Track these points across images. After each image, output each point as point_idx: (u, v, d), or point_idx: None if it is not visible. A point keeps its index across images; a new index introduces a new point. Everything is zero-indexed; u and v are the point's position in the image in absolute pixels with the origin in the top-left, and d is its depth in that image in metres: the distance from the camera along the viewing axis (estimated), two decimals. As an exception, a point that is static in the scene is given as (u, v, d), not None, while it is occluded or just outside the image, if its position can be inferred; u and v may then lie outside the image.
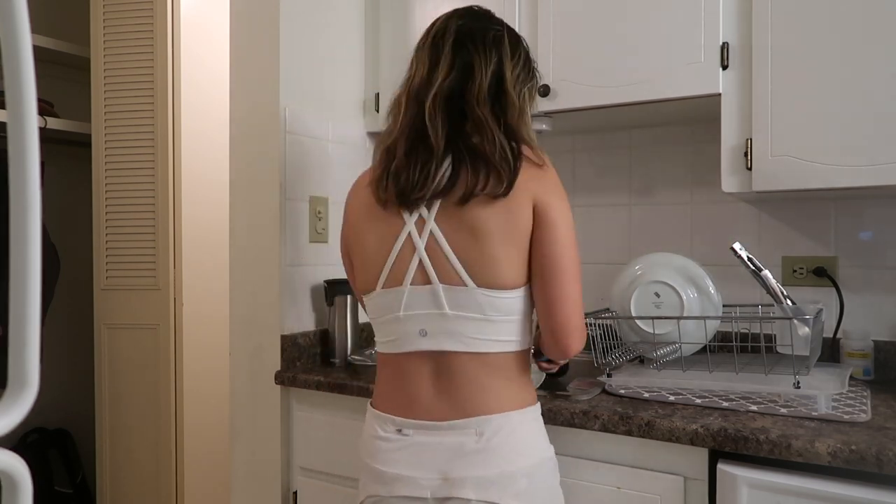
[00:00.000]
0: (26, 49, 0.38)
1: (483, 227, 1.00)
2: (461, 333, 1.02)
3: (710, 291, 1.48)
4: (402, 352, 1.07)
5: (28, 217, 0.38)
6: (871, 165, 1.29)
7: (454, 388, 1.03)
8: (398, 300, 1.05)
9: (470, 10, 1.14)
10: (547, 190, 1.03)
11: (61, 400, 2.70)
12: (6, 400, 0.39)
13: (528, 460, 1.03)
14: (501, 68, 1.07)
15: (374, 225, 1.09)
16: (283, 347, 1.67)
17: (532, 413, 1.08)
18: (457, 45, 1.07)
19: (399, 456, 1.04)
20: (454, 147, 1.03)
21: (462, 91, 1.05)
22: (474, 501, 0.99)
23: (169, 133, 2.30)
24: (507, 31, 1.11)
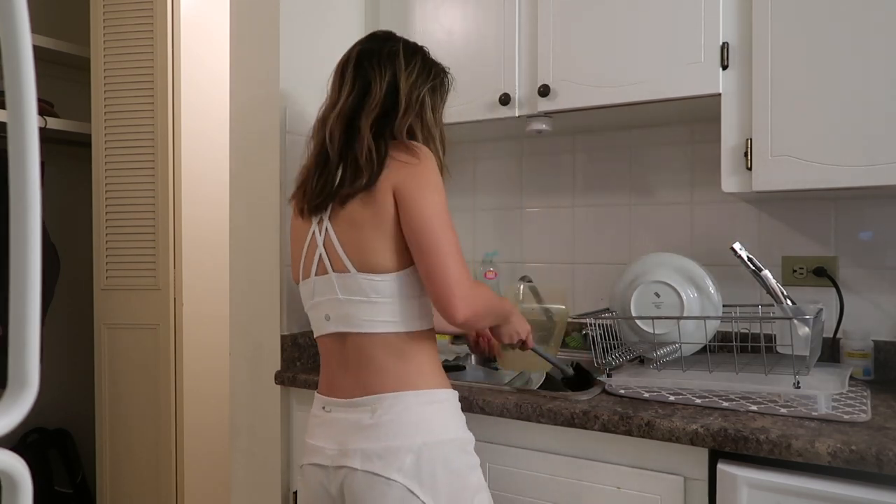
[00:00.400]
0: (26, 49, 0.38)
1: (357, 219, 1.13)
2: (352, 316, 1.14)
3: (710, 291, 1.48)
4: (319, 335, 1.22)
5: (28, 217, 0.38)
6: (871, 165, 1.29)
7: (356, 368, 1.15)
8: (310, 290, 1.21)
9: (372, 35, 1.30)
10: (408, 179, 1.12)
11: (61, 400, 2.70)
12: (6, 400, 0.39)
13: (416, 438, 1.08)
14: (395, 79, 1.20)
15: (297, 231, 1.26)
16: (283, 347, 1.67)
17: (431, 396, 1.13)
18: (357, 67, 1.22)
19: (319, 430, 1.18)
20: (344, 158, 1.16)
21: (361, 106, 1.18)
22: (360, 471, 1.08)
23: (169, 133, 2.30)
24: (402, 45, 1.25)
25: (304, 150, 1.29)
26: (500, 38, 1.69)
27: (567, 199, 1.97)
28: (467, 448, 1.16)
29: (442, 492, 1.08)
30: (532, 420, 1.29)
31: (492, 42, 1.70)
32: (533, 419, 1.28)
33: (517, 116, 1.67)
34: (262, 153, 1.70)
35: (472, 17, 1.74)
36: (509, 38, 1.68)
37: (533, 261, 2.02)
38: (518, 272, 2.00)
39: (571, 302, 1.94)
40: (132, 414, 2.35)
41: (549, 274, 1.98)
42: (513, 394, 1.37)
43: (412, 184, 1.11)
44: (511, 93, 1.66)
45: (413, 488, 1.06)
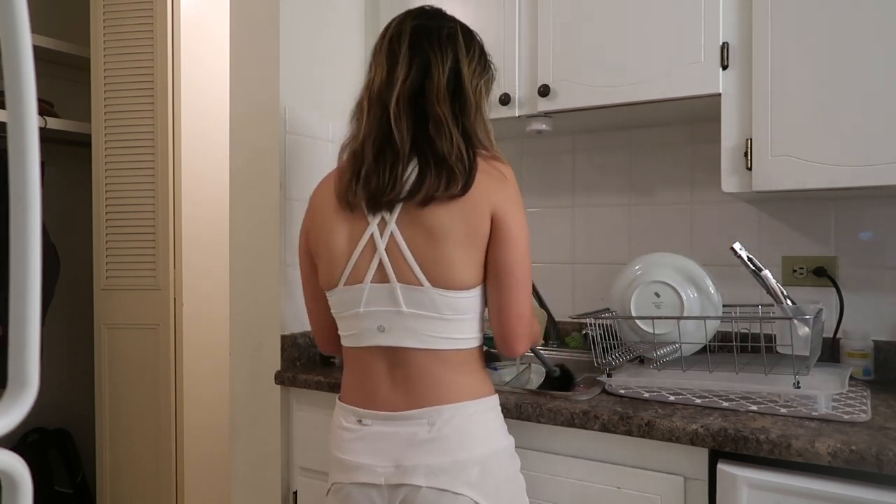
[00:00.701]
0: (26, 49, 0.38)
1: (441, 229, 1.03)
2: (417, 331, 1.06)
3: (710, 291, 1.48)
4: (362, 346, 1.11)
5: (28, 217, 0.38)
6: (871, 165, 1.29)
7: (409, 381, 1.07)
8: (359, 297, 1.09)
9: (422, 9, 1.17)
10: (506, 199, 1.06)
11: (61, 400, 2.70)
12: (6, 400, 0.39)
13: (481, 449, 1.05)
14: (458, 64, 1.09)
15: (341, 226, 1.11)
16: (283, 347, 1.67)
17: (486, 404, 1.10)
18: (413, 45, 1.09)
19: (358, 445, 1.09)
20: (419, 150, 1.06)
21: (422, 90, 1.08)
22: (425, 488, 1.02)
23: (169, 133, 2.30)
24: (460, 27, 1.14)
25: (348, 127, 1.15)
26: (500, 38, 1.69)
27: (567, 199, 1.97)
28: (514, 452, 1.14)
29: (503, 499, 1.07)
30: (532, 420, 1.29)
31: (492, 42, 1.69)
32: (533, 419, 1.28)
33: (517, 116, 1.67)
34: (263, 153, 1.70)
35: (472, 17, 1.74)
36: (509, 38, 1.68)
37: (533, 261, 2.00)
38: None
39: (571, 302, 1.94)
40: (132, 414, 2.35)
41: (549, 274, 1.98)
42: (513, 394, 1.37)
43: (511, 211, 1.05)
44: (511, 93, 1.66)
45: (479, 500, 1.03)
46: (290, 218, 1.70)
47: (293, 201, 1.71)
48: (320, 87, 1.81)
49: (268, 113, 1.69)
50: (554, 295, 1.94)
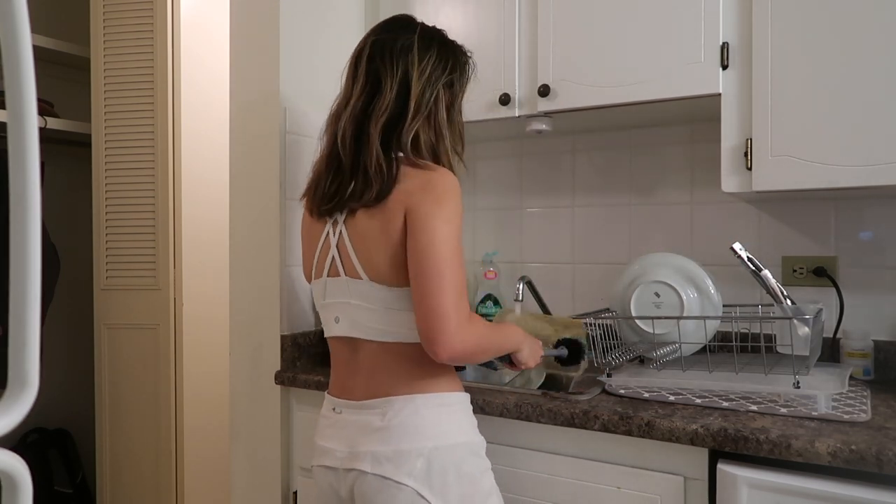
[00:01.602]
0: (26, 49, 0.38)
1: (367, 232, 1.10)
2: (361, 322, 1.12)
3: (710, 291, 1.48)
4: (329, 336, 1.20)
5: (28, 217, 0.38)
6: (871, 165, 1.29)
7: (367, 371, 1.13)
8: (323, 289, 1.18)
9: (390, 20, 1.23)
10: (422, 199, 1.06)
11: (61, 400, 2.70)
12: (6, 400, 0.39)
13: (427, 442, 1.07)
14: (407, 77, 1.13)
15: (309, 228, 1.23)
16: (283, 347, 1.67)
17: (441, 399, 1.11)
18: (369, 62, 1.16)
19: (329, 431, 1.17)
20: (356, 165, 1.12)
21: (370, 109, 1.13)
22: (370, 475, 1.07)
23: (169, 133, 2.30)
24: (418, 36, 1.17)
25: (317, 143, 1.26)
26: (500, 38, 1.69)
27: (567, 199, 1.97)
28: (479, 451, 1.14)
29: (453, 496, 1.06)
30: (532, 420, 1.29)
31: (492, 42, 1.70)
32: (533, 419, 1.28)
33: (517, 116, 1.67)
34: (262, 153, 1.70)
35: (473, 17, 1.74)
36: (509, 38, 1.68)
37: (533, 261, 2.02)
38: (518, 272, 2.00)
39: (571, 302, 1.94)
40: (132, 414, 2.35)
41: (549, 274, 1.98)
42: (513, 394, 1.37)
43: (425, 208, 1.06)
44: (511, 93, 1.66)
45: (423, 492, 1.04)
46: (290, 218, 1.70)
47: (293, 201, 1.71)
48: (320, 87, 1.81)
49: (268, 113, 1.69)
50: (554, 295, 1.94)
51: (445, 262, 1.03)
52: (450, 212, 1.07)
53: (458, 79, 1.21)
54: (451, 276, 1.03)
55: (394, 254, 1.08)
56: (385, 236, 1.08)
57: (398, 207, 1.07)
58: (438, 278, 1.02)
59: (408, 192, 1.08)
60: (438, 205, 1.06)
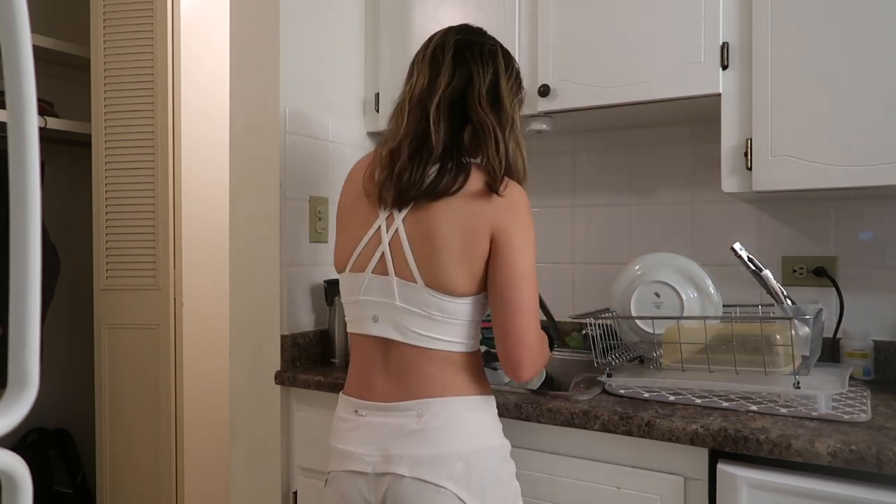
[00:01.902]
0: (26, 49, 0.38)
1: (439, 235, 1.06)
2: (405, 326, 1.09)
3: (710, 291, 1.48)
4: (357, 333, 1.16)
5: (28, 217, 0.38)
6: (871, 165, 1.29)
7: (401, 373, 1.10)
8: (360, 284, 1.13)
9: (466, 26, 1.22)
10: (509, 225, 1.07)
11: (61, 400, 2.70)
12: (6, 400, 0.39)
13: (466, 445, 1.05)
14: (497, 79, 1.14)
15: (358, 214, 1.16)
16: (283, 347, 1.67)
17: (477, 402, 1.11)
18: (456, 57, 1.14)
19: (352, 435, 1.12)
20: (449, 152, 1.09)
21: (463, 97, 1.12)
22: (407, 478, 1.04)
23: (169, 133, 2.30)
24: (500, 46, 1.20)
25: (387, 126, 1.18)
26: (500, 39, 1.68)
27: (567, 199, 1.97)
28: (508, 455, 1.14)
29: (490, 499, 1.06)
30: (532, 420, 1.29)
31: (492, 42, 1.70)
32: (533, 419, 1.28)
33: (517, 116, 1.67)
34: (262, 153, 1.70)
35: (472, 17, 1.74)
36: (509, 39, 1.68)
37: (533, 261, 2.01)
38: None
39: (571, 302, 1.94)
40: (132, 414, 2.35)
41: (549, 274, 1.98)
42: (513, 394, 1.37)
43: (513, 234, 1.06)
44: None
45: (463, 496, 1.03)
46: (290, 218, 1.70)
47: (293, 201, 1.71)
48: (320, 87, 1.81)
49: (268, 113, 1.69)
50: (554, 295, 1.94)
51: (532, 290, 1.08)
52: (532, 233, 1.11)
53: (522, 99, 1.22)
54: (532, 310, 1.08)
55: (474, 267, 1.07)
56: (464, 243, 1.06)
57: (484, 225, 1.06)
58: (527, 309, 1.06)
59: (494, 212, 1.07)
60: (525, 226, 1.09)
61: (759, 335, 1.28)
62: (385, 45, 1.90)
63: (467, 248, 1.06)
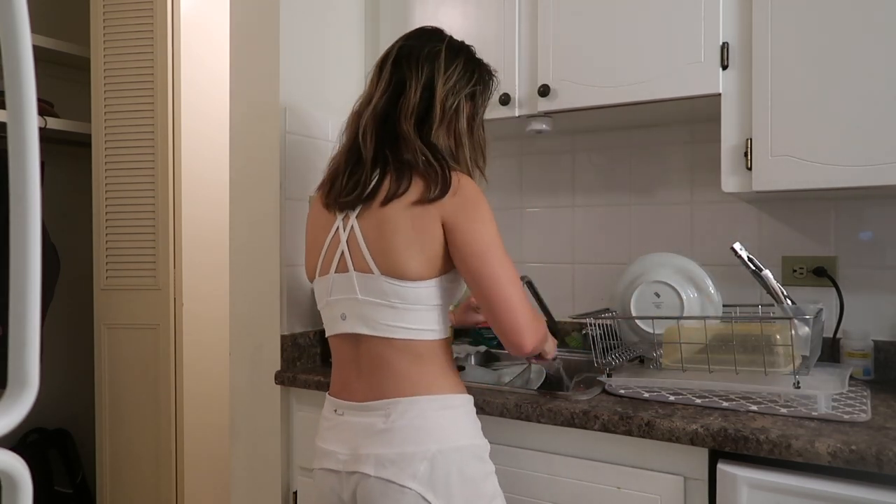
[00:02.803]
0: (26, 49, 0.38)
1: (392, 224, 1.10)
2: (370, 318, 1.12)
3: (710, 291, 1.48)
4: (332, 334, 1.19)
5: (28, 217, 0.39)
6: (871, 165, 1.29)
7: (371, 371, 1.13)
8: (328, 286, 1.17)
9: (418, 30, 1.26)
10: (457, 212, 1.09)
11: (61, 400, 2.70)
12: (6, 400, 0.39)
13: (431, 445, 1.06)
14: (432, 82, 1.16)
15: (317, 223, 1.23)
16: (283, 347, 1.67)
17: (446, 401, 1.11)
18: (395, 65, 1.19)
19: (330, 434, 1.16)
20: (382, 159, 1.14)
21: (394, 107, 1.16)
22: (373, 478, 1.06)
23: (169, 133, 2.30)
24: (446, 45, 1.20)
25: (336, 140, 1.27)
26: (500, 38, 1.69)
27: (567, 199, 1.97)
28: (482, 455, 1.13)
29: (457, 499, 1.06)
30: (532, 420, 1.29)
31: (492, 42, 1.70)
32: (533, 419, 1.28)
33: (517, 116, 1.67)
34: (263, 153, 1.70)
35: (473, 17, 1.74)
36: (509, 38, 1.68)
37: (533, 261, 2.02)
38: (518, 272, 2.00)
39: (571, 302, 1.94)
40: (132, 414, 2.35)
41: (549, 274, 1.98)
42: (513, 394, 1.37)
43: (462, 217, 1.09)
44: (511, 93, 1.66)
45: (427, 496, 1.04)
46: (290, 218, 1.70)
47: (293, 201, 1.71)
48: (320, 87, 1.81)
49: (268, 113, 1.69)
50: (554, 295, 1.94)
51: (501, 261, 1.09)
52: (485, 214, 1.11)
53: (481, 93, 1.25)
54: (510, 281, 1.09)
55: (423, 247, 1.09)
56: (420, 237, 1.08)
57: (432, 213, 1.09)
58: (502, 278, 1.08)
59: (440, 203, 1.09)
60: (477, 208, 1.10)
61: (759, 335, 1.27)
62: (385, 46, 1.89)
63: (417, 229, 1.08)
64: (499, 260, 1.09)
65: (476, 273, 1.08)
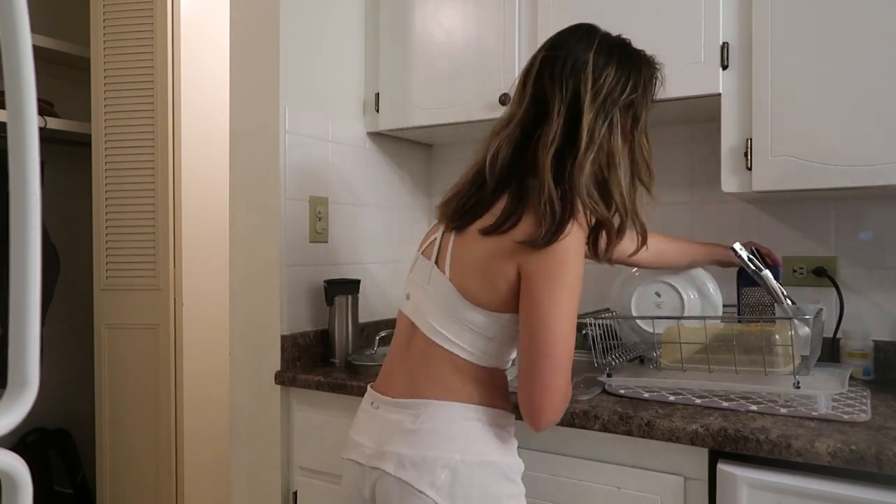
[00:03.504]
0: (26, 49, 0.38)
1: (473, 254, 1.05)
2: (425, 311, 1.09)
3: (711, 292, 1.48)
4: (399, 312, 1.18)
5: (28, 217, 0.39)
6: (871, 165, 1.29)
7: (415, 367, 1.09)
8: (414, 262, 1.18)
9: (567, 31, 1.13)
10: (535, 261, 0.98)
11: (61, 400, 2.70)
12: (6, 400, 0.39)
13: (455, 454, 1.01)
14: (578, 101, 1.02)
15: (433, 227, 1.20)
16: (283, 347, 1.67)
17: (480, 412, 1.05)
18: (537, 80, 1.06)
19: (363, 425, 1.13)
20: (504, 189, 1.04)
21: (533, 133, 1.04)
22: (392, 476, 1.02)
23: (169, 133, 2.30)
24: (595, 50, 1.05)
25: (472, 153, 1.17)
26: (500, 38, 1.69)
27: (567, 199, 1.96)
28: (511, 475, 1.06)
29: None
30: (532, 420, 1.28)
31: (492, 42, 1.70)
32: (533, 419, 1.28)
33: (517, 116, 1.67)
34: (263, 153, 1.70)
35: (473, 17, 1.74)
36: (509, 38, 1.68)
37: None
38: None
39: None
40: (132, 414, 2.35)
41: (549, 274, 1.98)
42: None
43: (537, 277, 0.98)
44: (511, 93, 1.66)
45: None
46: (290, 218, 1.70)
47: (293, 201, 1.71)
48: (320, 87, 1.81)
49: (268, 113, 1.69)
50: (554, 295, 1.93)
51: (561, 339, 0.98)
52: (570, 280, 0.98)
53: (640, 98, 1.08)
54: (565, 354, 0.99)
55: (492, 283, 1.02)
56: (487, 265, 1.02)
57: (512, 259, 0.99)
58: (553, 356, 0.98)
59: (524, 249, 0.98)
60: (562, 270, 0.98)
61: (759, 335, 1.27)
62: (385, 45, 1.90)
63: (490, 266, 1.02)
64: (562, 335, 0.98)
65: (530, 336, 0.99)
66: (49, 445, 2.67)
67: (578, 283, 1.00)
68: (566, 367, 1.00)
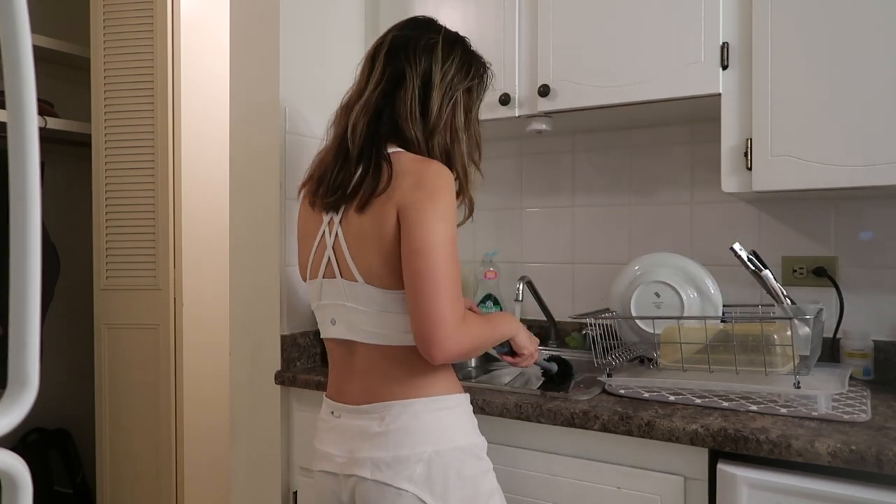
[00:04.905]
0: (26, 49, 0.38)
1: (361, 231, 1.07)
2: (357, 325, 1.10)
3: (710, 292, 1.48)
4: (324, 337, 1.18)
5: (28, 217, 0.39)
6: (871, 165, 1.29)
7: (363, 375, 1.12)
8: (318, 290, 1.16)
9: (411, 20, 1.21)
10: (416, 200, 1.02)
11: (61, 400, 2.70)
12: (6, 400, 0.39)
13: (427, 447, 1.05)
14: (430, 76, 1.12)
15: (306, 224, 1.20)
16: (283, 347, 1.67)
17: (441, 402, 1.09)
18: (388, 56, 1.14)
19: (327, 436, 1.16)
20: (367, 156, 1.09)
21: (390, 102, 1.12)
22: (369, 481, 1.05)
23: (169, 133, 2.30)
24: (443, 37, 1.16)
25: (324, 135, 1.23)
26: (500, 38, 1.69)
27: (567, 199, 1.97)
28: (479, 453, 1.12)
29: (454, 499, 1.05)
30: (532, 420, 1.29)
31: (492, 42, 1.70)
32: (533, 419, 1.28)
33: (517, 116, 1.67)
34: (263, 153, 1.70)
35: (473, 17, 1.74)
36: (509, 38, 1.68)
37: (533, 261, 2.02)
38: (518, 272, 2.00)
39: (571, 302, 1.94)
40: (132, 414, 2.35)
41: (549, 274, 1.98)
42: (513, 394, 1.37)
43: (419, 206, 1.02)
44: (511, 93, 1.66)
45: (424, 497, 1.03)
46: (290, 218, 1.70)
47: (293, 201, 1.71)
48: (320, 86, 1.81)
49: (268, 112, 1.69)
50: (554, 295, 1.94)
51: (441, 262, 1.00)
52: (444, 208, 1.03)
53: (477, 87, 1.20)
54: (447, 278, 1.00)
55: (387, 254, 1.04)
56: (378, 236, 1.05)
57: (390, 205, 1.04)
58: (434, 281, 0.99)
59: (400, 189, 1.04)
60: (432, 201, 1.02)
61: (758, 335, 1.27)
62: (385, 45, 1.89)
63: (378, 232, 1.04)
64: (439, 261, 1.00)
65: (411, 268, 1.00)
66: (49, 445, 2.67)
67: (453, 216, 1.05)
68: (451, 295, 1.00)
